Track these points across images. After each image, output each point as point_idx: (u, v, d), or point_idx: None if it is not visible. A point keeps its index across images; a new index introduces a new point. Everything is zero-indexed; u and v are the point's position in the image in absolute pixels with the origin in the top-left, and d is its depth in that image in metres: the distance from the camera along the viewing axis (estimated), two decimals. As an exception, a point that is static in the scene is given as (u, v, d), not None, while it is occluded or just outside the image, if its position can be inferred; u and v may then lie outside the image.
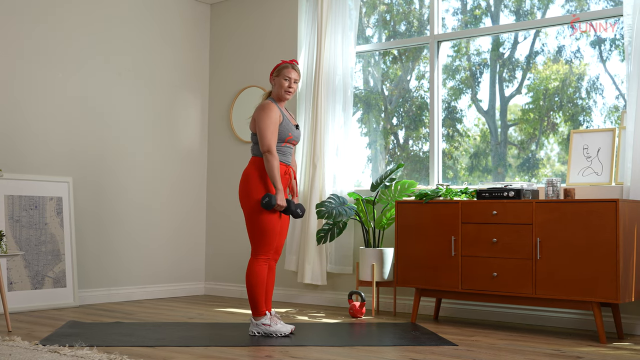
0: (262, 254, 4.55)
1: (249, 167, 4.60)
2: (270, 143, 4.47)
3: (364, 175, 6.60)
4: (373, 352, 4.07)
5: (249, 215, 4.54)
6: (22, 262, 5.62)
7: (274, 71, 4.68)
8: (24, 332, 4.61)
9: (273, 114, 4.52)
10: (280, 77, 4.63)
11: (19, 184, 5.70)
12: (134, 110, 6.61)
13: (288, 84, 4.63)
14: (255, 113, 4.59)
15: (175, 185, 6.95)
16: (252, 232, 4.55)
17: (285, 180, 4.61)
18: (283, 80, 4.62)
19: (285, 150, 4.63)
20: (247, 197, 4.55)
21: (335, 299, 6.25)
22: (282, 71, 4.64)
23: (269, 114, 4.52)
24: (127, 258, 6.50)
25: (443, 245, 5.15)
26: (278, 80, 4.64)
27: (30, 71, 5.86)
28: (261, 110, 4.55)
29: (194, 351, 4.04)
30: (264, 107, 4.55)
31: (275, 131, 4.52)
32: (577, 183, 5.12)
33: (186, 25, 7.12)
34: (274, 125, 4.51)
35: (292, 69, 4.65)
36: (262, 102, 4.62)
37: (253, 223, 4.53)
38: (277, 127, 4.53)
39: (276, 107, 4.58)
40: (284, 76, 4.62)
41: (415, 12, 6.46)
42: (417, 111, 6.35)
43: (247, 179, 4.58)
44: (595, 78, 5.51)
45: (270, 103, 4.59)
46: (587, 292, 4.55)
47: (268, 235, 4.53)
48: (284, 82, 4.62)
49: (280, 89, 4.63)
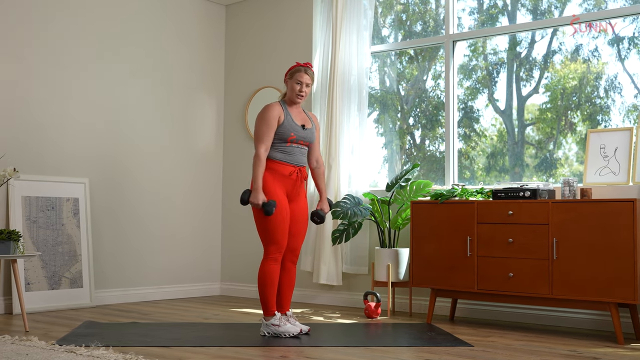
0: (271, 253, 4.55)
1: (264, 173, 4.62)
2: (258, 143, 4.54)
3: (380, 176, 6.58)
4: (388, 353, 4.06)
5: (256, 216, 4.57)
6: (39, 262, 5.66)
7: (288, 73, 4.70)
8: (40, 332, 4.64)
9: (268, 114, 4.56)
10: (293, 80, 4.66)
11: (35, 185, 5.74)
12: (150, 111, 6.64)
13: (299, 88, 4.65)
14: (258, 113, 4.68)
15: (191, 186, 6.97)
16: (259, 232, 4.59)
17: (289, 182, 4.61)
18: (295, 84, 4.65)
19: (291, 150, 4.62)
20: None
21: (351, 300, 6.23)
22: (295, 75, 4.66)
23: (264, 114, 4.57)
24: (143, 258, 6.53)
25: (458, 246, 5.12)
26: (290, 83, 4.67)
27: (46, 72, 5.89)
28: (261, 112, 4.61)
29: (208, 351, 4.05)
30: (263, 109, 4.61)
31: (267, 132, 4.54)
32: (594, 183, 5.07)
33: (201, 26, 7.13)
34: (267, 126, 4.54)
35: (305, 73, 4.66)
36: (267, 105, 4.66)
37: (259, 224, 4.56)
38: (271, 128, 4.55)
39: (277, 107, 4.60)
40: (296, 80, 4.65)
41: (432, 12, 6.43)
42: (433, 111, 6.32)
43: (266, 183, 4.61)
44: (614, 77, 5.46)
45: (272, 104, 4.62)
46: (605, 293, 4.51)
47: (274, 235, 4.53)
48: (295, 86, 4.65)
49: (291, 92, 4.66)
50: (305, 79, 4.65)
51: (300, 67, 4.67)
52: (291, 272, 4.72)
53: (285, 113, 4.61)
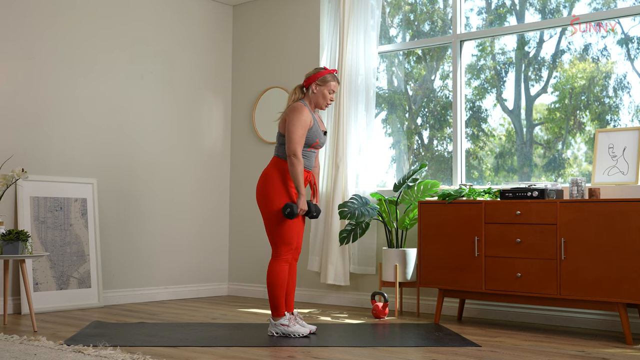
0: (283, 254, 4.55)
1: (270, 168, 4.59)
2: (296, 147, 4.45)
3: (388, 176, 6.57)
4: (396, 353, 4.05)
5: (268, 217, 4.54)
6: (47, 262, 5.68)
7: (318, 78, 4.62)
8: (49, 332, 4.66)
9: (305, 117, 4.50)
10: (325, 87, 4.61)
11: (44, 185, 5.76)
12: (157, 111, 6.65)
13: (331, 96, 4.64)
14: (287, 114, 4.55)
15: (199, 186, 6.98)
16: (271, 234, 4.55)
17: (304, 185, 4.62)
18: (327, 91, 4.62)
19: (309, 155, 4.61)
20: (265, 198, 4.54)
21: (358, 300, 6.23)
22: (329, 83, 4.62)
23: (301, 117, 4.49)
24: (151, 259, 6.54)
25: (466, 246, 5.11)
26: (321, 90, 4.61)
27: (54, 73, 5.91)
28: (293, 112, 4.51)
29: (216, 351, 4.05)
30: (297, 110, 4.51)
31: (304, 135, 4.49)
32: (602, 183, 5.05)
33: (209, 26, 7.14)
34: (304, 129, 4.49)
35: (337, 82, 4.66)
36: (295, 104, 4.57)
37: (272, 225, 4.53)
38: (306, 131, 4.51)
39: (308, 111, 4.56)
40: (329, 88, 4.62)
41: (440, 12, 6.42)
42: (441, 111, 6.31)
43: (266, 179, 4.57)
44: (623, 76, 5.43)
45: (303, 106, 4.55)
46: (613, 293, 4.49)
47: (288, 236, 4.53)
48: (327, 94, 4.62)
49: (322, 99, 4.62)
50: (336, 87, 4.65)
51: (333, 75, 4.64)
52: (294, 270, 4.73)
53: (312, 117, 4.58)
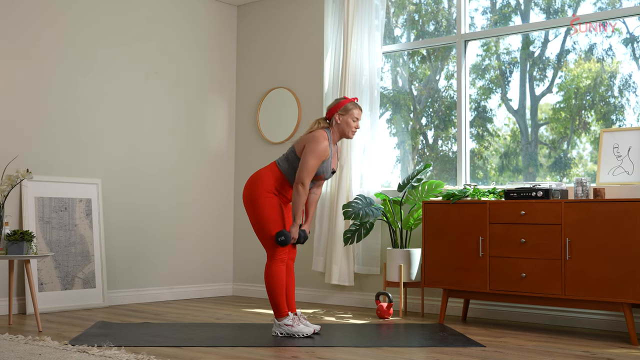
0: (277, 254, 4.56)
1: (265, 171, 4.61)
2: (306, 177, 4.47)
3: (392, 176, 6.57)
4: (400, 353, 4.05)
5: (254, 219, 4.56)
6: (52, 263, 5.68)
7: (339, 108, 4.62)
8: (53, 332, 4.67)
9: (323, 150, 4.50)
10: (349, 116, 4.61)
11: (48, 186, 5.77)
12: (162, 112, 6.65)
13: (356, 124, 4.64)
14: (309, 140, 4.53)
15: (203, 187, 6.98)
16: (261, 236, 4.57)
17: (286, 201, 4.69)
18: (351, 120, 4.62)
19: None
20: (252, 201, 4.57)
21: (363, 300, 6.22)
22: (351, 111, 4.62)
23: (319, 147, 4.48)
24: (156, 259, 6.55)
25: (471, 246, 5.10)
26: (345, 119, 4.61)
27: (59, 73, 5.92)
28: (315, 141, 4.50)
29: (220, 351, 4.05)
30: (318, 140, 4.50)
31: (317, 167, 4.51)
32: (607, 183, 5.04)
33: (213, 26, 7.14)
34: (319, 160, 4.50)
35: (360, 109, 4.66)
36: (319, 132, 4.55)
37: (259, 228, 4.55)
38: (320, 163, 4.52)
39: (329, 143, 4.55)
40: (353, 117, 4.62)
41: (444, 12, 6.41)
42: (446, 111, 6.30)
43: (256, 181, 4.58)
44: (628, 76, 5.42)
45: (326, 138, 4.53)
46: (618, 293, 4.48)
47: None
48: (351, 123, 4.62)
49: (347, 127, 4.62)
50: (360, 114, 4.66)
51: (354, 103, 4.65)
52: (292, 271, 4.74)
53: (330, 150, 4.57)
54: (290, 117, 6.82)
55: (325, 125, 4.64)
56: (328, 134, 4.58)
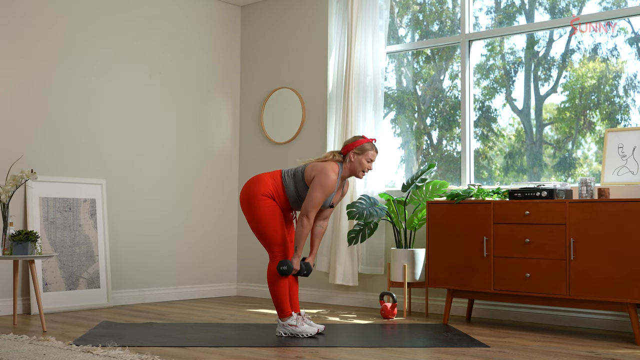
0: (278, 255, 4.56)
1: (266, 176, 4.61)
2: (312, 210, 4.47)
3: (397, 176, 6.56)
4: (404, 354, 4.04)
5: (253, 223, 4.55)
6: (56, 263, 5.69)
7: (356, 146, 4.59)
8: (58, 332, 4.67)
9: (331, 185, 4.48)
10: (363, 156, 4.58)
11: (53, 186, 5.78)
12: (166, 112, 6.66)
13: (369, 165, 4.62)
14: (319, 171, 4.50)
15: (207, 187, 6.98)
16: (260, 237, 4.57)
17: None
18: (365, 161, 4.59)
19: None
20: (249, 203, 4.56)
21: (367, 300, 6.22)
22: (367, 152, 4.59)
23: (328, 183, 4.47)
24: (160, 259, 6.55)
25: (475, 246, 5.09)
26: (359, 159, 4.58)
27: (63, 74, 5.93)
28: (325, 175, 4.47)
29: (224, 352, 4.05)
30: (328, 174, 4.48)
31: (323, 200, 4.51)
32: (611, 183, 5.02)
33: (217, 27, 7.15)
34: (325, 195, 4.50)
35: (376, 151, 4.64)
36: (330, 166, 4.53)
37: (260, 230, 4.54)
38: (326, 197, 4.52)
39: (337, 178, 4.54)
40: (368, 158, 4.59)
41: (448, 12, 6.40)
42: (450, 111, 6.29)
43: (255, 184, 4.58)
44: (633, 76, 5.40)
45: (336, 173, 4.51)
46: (622, 293, 4.47)
47: (275, 236, 4.53)
48: (365, 163, 4.59)
49: (359, 167, 4.59)
50: (374, 156, 4.64)
51: (371, 144, 4.62)
52: None
53: (336, 186, 4.57)
54: (295, 118, 6.83)
55: (339, 159, 4.62)
56: (340, 168, 4.57)
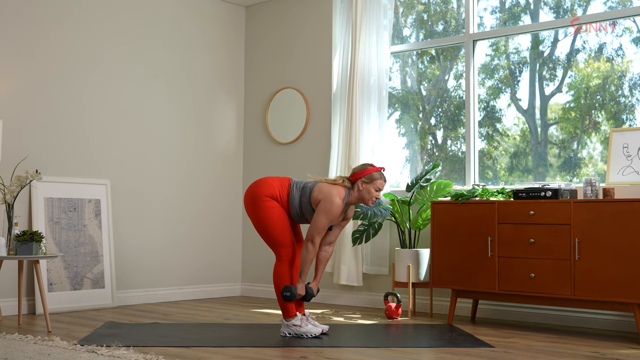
0: (284, 255, 4.56)
1: (273, 180, 4.62)
2: (317, 235, 4.50)
3: (401, 176, 6.55)
4: (409, 354, 4.04)
5: (258, 223, 4.56)
6: (61, 263, 5.70)
7: (364, 175, 4.59)
8: (63, 332, 4.68)
9: (335, 211, 4.50)
10: (371, 185, 4.58)
11: (58, 186, 5.79)
12: (171, 112, 6.67)
13: (377, 193, 4.61)
14: (325, 196, 4.50)
15: (212, 187, 6.99)
16: (266, 238, 4.58)
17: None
18: (374, 190, 4.58)
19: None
20: (252, 203, 4.56)
21: (371, 300, 6.21)
22: (375, 181, 4.59)
23: (333, 209, 4.48)
24: (165, 259, 6.56)
25: (479, 246, 5.08)
26: (367, 188, 4.57)
27: (68, 74, 5.94)
28: (331, 202, 4.48)
29: (228, 352, 4.05)
30: (334, 201, 4.48)
31: (327, 226, 4.54)
32: (616, 182, 5.01)
33: (221, 27, 7.15)
34: (330, 222, 4.52)
35: (384, 180, 4.64)
36: (336, 190, 4.53)
37: (264, 230, 4.55)
38: (330, 222, 4.54)
39: (342, 204, 4.54)
40: (376, 187, 4.59)
41: (453, 12, 6.39)
42: (455, 111, 6.28)
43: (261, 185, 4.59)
44: (638, 75, 5.39)
45: (342, 198, 4.53)
46: (627, 293, 4.46)
47: (281, 238, 4.53)
48: (373, 191, 4.58)
49: (368, 195, 4.58)
50: (383, 185, 4.64)
51: (380, 173, 4.62)
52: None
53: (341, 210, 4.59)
54: (299, 118, 6.83)
55: (348, 185, 4.61)
56: (347, 194, 4.58)
